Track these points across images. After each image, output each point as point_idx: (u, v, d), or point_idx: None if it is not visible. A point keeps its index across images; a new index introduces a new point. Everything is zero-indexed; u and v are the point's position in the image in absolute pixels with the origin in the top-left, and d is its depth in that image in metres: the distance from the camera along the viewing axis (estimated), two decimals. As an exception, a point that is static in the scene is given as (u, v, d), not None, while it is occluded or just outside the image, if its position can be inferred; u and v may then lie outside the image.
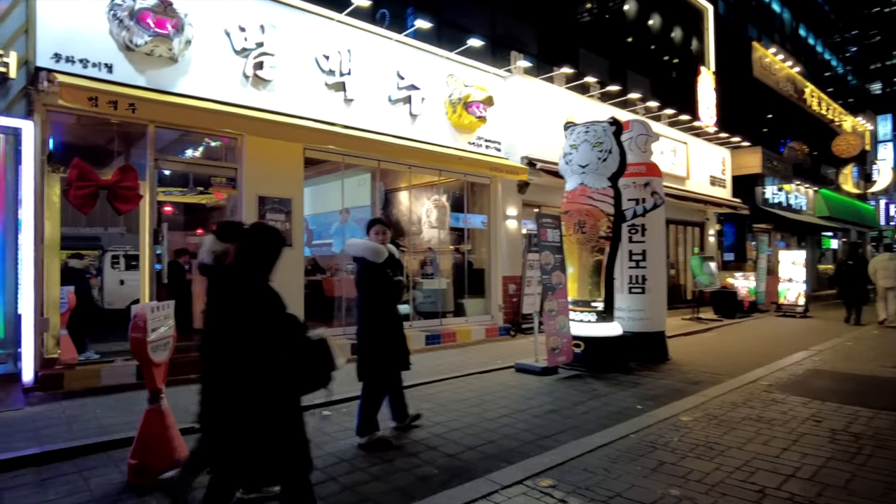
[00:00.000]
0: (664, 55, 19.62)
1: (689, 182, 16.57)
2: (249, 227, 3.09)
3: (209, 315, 3.09)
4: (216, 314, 3.02)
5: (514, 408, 5.84)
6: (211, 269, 3.13)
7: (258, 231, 3.07)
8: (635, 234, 8.68)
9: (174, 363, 6.37)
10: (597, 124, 7.94)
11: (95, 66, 6.35)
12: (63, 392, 5.86)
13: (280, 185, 7.97)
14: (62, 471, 4.13)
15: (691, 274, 15.30)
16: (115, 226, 7.36)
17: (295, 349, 2.95)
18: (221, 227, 3.29)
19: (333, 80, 8.41)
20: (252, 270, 2.94)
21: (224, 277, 2.99)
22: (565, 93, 12.49)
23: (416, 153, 9.09)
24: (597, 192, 7.74)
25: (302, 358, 2.97)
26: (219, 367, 2.95)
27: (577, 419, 5.52)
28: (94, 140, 7.58)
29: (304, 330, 3.06)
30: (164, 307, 4.07)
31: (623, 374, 7.56)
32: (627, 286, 8.68)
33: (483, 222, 11.22)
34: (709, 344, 10.67)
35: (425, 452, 4.51)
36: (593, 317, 7.86)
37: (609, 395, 6.50)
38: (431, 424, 5.18)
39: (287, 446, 2.90)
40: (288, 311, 3.01)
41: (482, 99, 9.83)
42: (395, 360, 4.81)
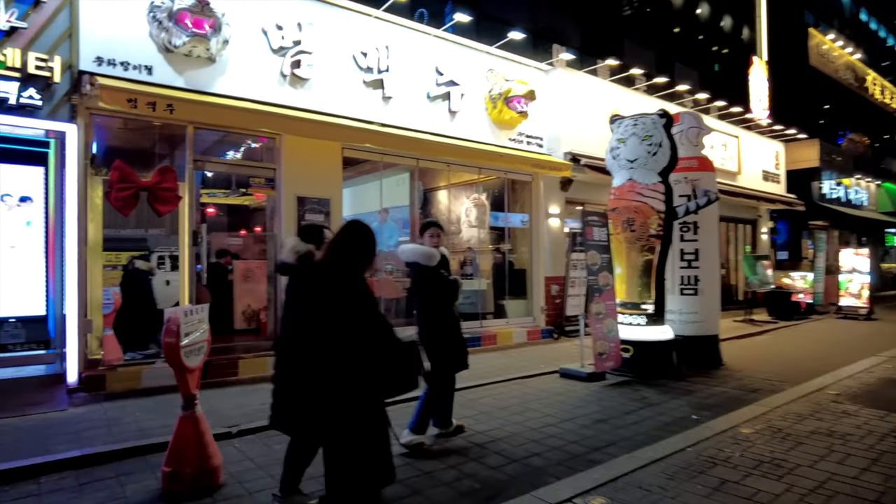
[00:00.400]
0: (713, 45, 18.82)
1: (740, 177, 15.84)
2: (345, 225, 3.15)
3: (291, 313, 3.25)
4: (301, 312, 3.11)
5: (561, 416, 5.55)
6: (294, 269, 3.26)
7: (353, 229, 3.12)
8: (687, 233, 8.25)
9: (211, 365, 6.39)
10: (646, 117, 7.57)
11: (136, 68, 6.37)
12: (105, 393, 5.90)
13: (319, 186, 7.88)
14: (100, 475, 4.08)
15: (743, 274, 14.61)
16: (155, 227, 7.39)
17: (386, 349, 2.98)
18: (305, 229, 3.51)
19: (371, 77, 8.27)
20: (348, 267, 2.98)
21: (320, 275, 3.02)
22: (610, 86, 12.05)
23: (456, 150, 8.87)
24: (646, 187, 7.37)
25: (392, 359, 3.00)
26: (302, 365, 3.06)
27: (627, 430, 5.20)
28: (137, 143, 7.64)
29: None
30: (199, 311, 3.96)
31: (674, 380, 7.17)
32: (679, 287, 8.26)
33: (523, 221, 10.90)
34: (764, 348, 10.10)
35: (467, 464, 4.28)
36: (643, 320, 7.48)
37: (661, 403, 6.14)
38: (473, 433, 4.95)
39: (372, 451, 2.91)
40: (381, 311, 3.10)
41: (524, 93, 9.53)
42: (455, 361, 4.71)
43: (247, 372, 6.90)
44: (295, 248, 3.32)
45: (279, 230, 7.63)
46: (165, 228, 7.62)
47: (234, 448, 4.61)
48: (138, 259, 7.25)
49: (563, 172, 10.22)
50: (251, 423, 5.11)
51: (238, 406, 5.69)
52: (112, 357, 6.30)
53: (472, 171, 10.04)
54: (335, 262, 2.98)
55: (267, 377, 6.85)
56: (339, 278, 2.95)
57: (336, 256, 3.00)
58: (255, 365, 6.99)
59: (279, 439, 4.82)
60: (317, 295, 2.99)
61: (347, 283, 2.95)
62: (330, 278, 2.97)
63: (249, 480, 3.97)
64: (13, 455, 4.27)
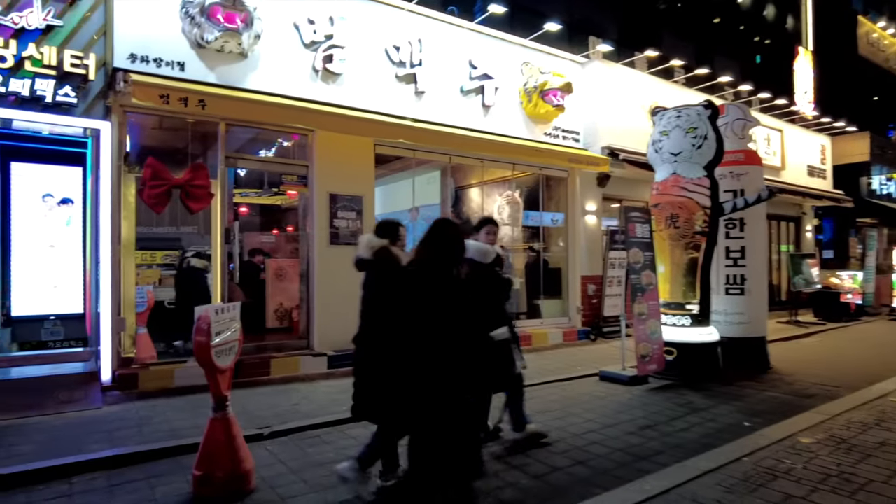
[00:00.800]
0: (755, 35, 18.14)
1: (784, 173, 15.20)
2: (435, 224, 3.24)
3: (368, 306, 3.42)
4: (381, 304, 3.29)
5: (604, 422, 5.28)
6: (370, 264, 3.42)
7: (444, 226, 3.21)
8: (733, 229, 7.88)
9: (242, 364, 6.31)
10: (690, 108, 7.22)
11: (168, 64, 6.33)
12: (138, 392, 5.86)
13: (351, 183, 7.76)
14: (131, 476, 4.00)
15: (786, 273, 14.00)
16: (188, 225, 7.39)
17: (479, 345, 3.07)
18: (381, 225, 3.68)
19: (404, 71, 8.11)
20: (442, 264, 3.05)
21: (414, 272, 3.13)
22: (648, 78, 11.66)
23: (490, 145, 8.64)
24: (691, 182, 7.03)
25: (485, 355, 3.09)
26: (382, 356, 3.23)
27: (676, 437, 4.91)
28: (170, 142, 7.65)
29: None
30: (230, 309, 3.83)
31: (721, 384, 6.82)
32: (724, 287, 7.89)
33: (553, 220, 10.57)
34: (813, 351, 9.61)
35: (507, 472, 4.06)
36: (687, 321, 7.14)
37: (708, 408, 5.82)
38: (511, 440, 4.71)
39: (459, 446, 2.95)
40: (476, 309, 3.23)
41: (560, 86, 9.24)
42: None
43: (279, 371, 6.80)
44: (370, 243, 3.46)
45: (312, 228, 7.53)
46: (198, 227, 7.60)
47: (265, 451, 4.49)
48: (193, 257, 7.22)
49: (601, 167, 9.89)
50: (283, 424, 4.99)
51: (270, 406, 5.59)
52: (145, 355, 6.27)
53: (505, 167, 9.79)
54: (429, 260, 3.06)
55: (299, 377, 6.86)
56: (433, 275, 3.03)
57: (430, 254, 3.08)
58: (287, 364, 6.89)
59: (311, 442, 4.70)
60: (412, 291, 3.07)
61: (442, 279, 3.02)
62: (425, 275, 3.04)
63: (282, 486, 3.83)
64: (47, 454, 4.24)
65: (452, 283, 3.06)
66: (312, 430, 4.96)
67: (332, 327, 7.44)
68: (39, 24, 5.72)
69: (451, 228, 3.19)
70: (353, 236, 7.73)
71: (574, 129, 10.28)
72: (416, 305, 3.03)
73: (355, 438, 4.79)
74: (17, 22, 5.61)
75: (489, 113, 9.07)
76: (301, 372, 6.92)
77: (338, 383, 6.63)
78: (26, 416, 5.12)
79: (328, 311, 7.45)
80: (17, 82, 5.57)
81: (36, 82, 5.66)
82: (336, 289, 7.52)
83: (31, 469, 3.94)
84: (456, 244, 3.13)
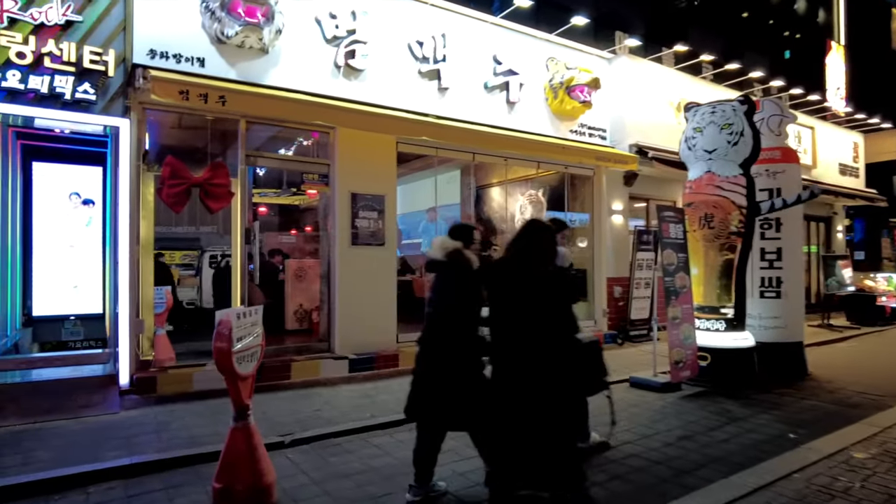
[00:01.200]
0: (785, 30, 17.65)
1: (815, 171, 14.73)
2: (527, 225, 3.25)
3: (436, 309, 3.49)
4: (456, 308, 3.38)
5: (639, 432, 5.03)
6: (443, 266, 3.48)
7: (536, 227, 3.21)
8: (769, 230, 7.56)
9: (262, 368, 6.12)
10: (725, 104, 6.94)
11: (188, 60, 6.19)
12: (156, 396, 5.72)
13: (373, 182, 7.58)
14: (148, 486, 3.85)
15: (816, 275, 13.53)
16: (207, 225, 7.27)
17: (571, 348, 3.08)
18: (456, 228, 3.71)
19: (427, 67, 7.90)
20: (536, 265, 3.06)
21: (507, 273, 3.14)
22: (676, 74, 11.32)
23: (515, 143, 8.40)
24: (726, 180, 6.75)
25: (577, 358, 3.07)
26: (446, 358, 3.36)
27: (717, 449, 4.65)
28: (189, 140, 7.53)
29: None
30: (252, 313, 3.65)
31: (758, 391, 6.52)
32: (759, 289, 7.57)
33: (571, 220, 10.26)
34: (850, 356, 9.24)
35: (542, 488, 3.83)
36: (722, 325, 6.86)
37: (748, 418, 5.54)
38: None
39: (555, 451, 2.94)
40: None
41: (587, 82, 8.96)
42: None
43: (299, 375, 6.64)
44: (444, 245, 3.50)
45: (333, 228, 7.36)
46: (217, 227, 7.49)
47: (287, 460, 4.32)
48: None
49: (630, 166, 9.59)
50: (305, 431, 4.82)
51: (291, 412, 5.42)
52: (163, 357, 6.14)
53: (529, 165, 9.54)
54: (526, 260, 3.06)
55: (320, 381, 6.68)
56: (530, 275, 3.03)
57: (523, 255, 3.08)
58: (307, 368, 6.73)
59: (334, 451, 4.52)
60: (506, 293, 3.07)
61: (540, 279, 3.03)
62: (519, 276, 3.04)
63: (305, 499, 3.65)
64: (64, 461, 4.11)
65: (550, 283, 3.09)
66: (335, 438, 4.79)
67: (354, 330, 7.27)
68: (59, 19, 5.61)
69: (544, 229, 3.20)
70: (375, 236, 7.55)
71: (600, 127, 9.99)
72: (513, 306, 3.04)
73: (379, 447, 4.61)
74: (36, 17, 5.50)
75: (514, 110, 8.82)
76: (322, 376, 6.75)
77: (359, 387, 6.45)
78: (45, 421, 5.01)
79: (350, 313, 7.28)
80: (36, 79, 5.46)
81: (55, 79, 5.55)
82: (358, 290, 7.35)
83: (47, 478, 3.81)
84: (550, 244, 3.15)
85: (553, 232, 3.25)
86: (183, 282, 8.21)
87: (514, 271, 3.10)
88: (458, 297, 3.46)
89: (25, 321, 7.41)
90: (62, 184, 7.24)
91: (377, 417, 5.26)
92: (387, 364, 7.25)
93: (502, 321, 3.11)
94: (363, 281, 7.40)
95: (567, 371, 2.96)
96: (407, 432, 4.98)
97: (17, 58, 5.41)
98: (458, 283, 3.48)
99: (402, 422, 5.16)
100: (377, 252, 7.57)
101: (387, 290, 7.67)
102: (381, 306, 7.57)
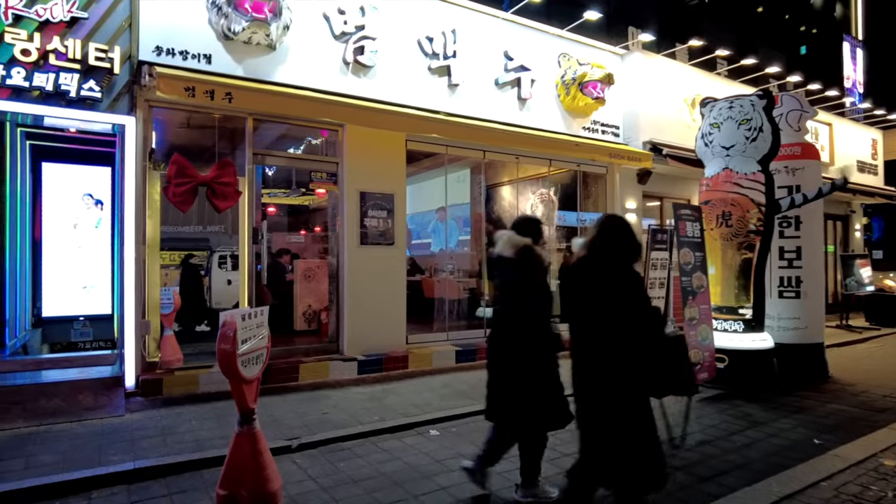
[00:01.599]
0: (801, 25, 17.34)
1: (832, 169, 14.42)
2: (606, 221, 3.15)
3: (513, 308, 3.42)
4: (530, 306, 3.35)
5: (657, 437, 4.86)
6: (511, 262, 3.38)
7: (617, 223, 3.13)
8: (787, 228, 7.36)
9: (270, 369, 6.03)
10: (743, 98, 6.76)
11: (195, 57, 6.11)
12: (162, 398, 5.64)
13: (382, 180, 7.46)
14: (152, 492, 3.75)
15: (833, 274, 13.25)
16: (214, 225, 7.19)
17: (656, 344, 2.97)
18: (522, 223, 3.61)
19: (437, 63, 7.77)
20: (622, 261, 2.99)
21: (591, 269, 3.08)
22: (690, 70, 11.12)
23: (527, 140, 8.25)
24: (745, 177, 6.56)
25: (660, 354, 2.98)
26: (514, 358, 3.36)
27: (738, 454, 4.48)
28: (196, 139, 7.45)
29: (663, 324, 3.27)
30: (257, 314, 3.53)
31: (778, 394, 6.33)
32: (777, 289, 7.37)
33: (578, 219, 10.10)
34: (872, 358, 8.99)
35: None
36: (740, 326, 6.68)
37: (769, 422, 5.35)
38: (558, 456, 4.33)
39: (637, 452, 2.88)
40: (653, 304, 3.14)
41: (600, 77, 8.79)
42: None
43: (308, 377, 6.53)
44: (512, 241, 3.39)
45: (341, 227, 7.26)
46: (225, 226, 7.40)
47: (294, 464, 4.20)
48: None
49: (644, 163, 9.41)
50: (313, 435, 4.69)
51: (299, 415, 5.30)
52: (171, 359, 6.06)
53: (541, 163, 9.39)
54: (608, 257, 3.00)
55: (328, 383, 6.56)
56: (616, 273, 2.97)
57: (608, 251, 3.01)
58: (316, 369, 6.62)
59: (343, 455, 4.40)
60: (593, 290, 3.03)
61: (625, 276, 2.98)
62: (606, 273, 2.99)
63: (312, 506, 3.53)
64: (68, 465, 4.02)
65: (637, 279, 3.03)
66: (343, 442, 4.66)
67: (363, 330, 7.16)
68: (64, 16, 5.54)
69: (624, 224, 3.12)
70: (384, 236, 7.43)
71: (613, 123, 9.82)
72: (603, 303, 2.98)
73: (388, 452, 4.48)
74: (41, 14, 5.43)
75: (525, 106, 8.67)
76: (330, 377, 6.64)
77: (368, 390, 6.33)
78: (50, 423, 4.94)
79: (359, 314, 7.17)
80: (41, 76, 5.39)
81: (60, 76, 5.47)
82: (367, 291, 7.24)
83: (49, 483, 3.71)
84: (633, 239, 3.05)
85: (630, 226, 3.14)
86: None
87: (596, 270, 3.04)
88: (530, 295, 3.39)
89: (35, 322, 7.38)
90: (72, 184, 7.20)
91: (386, 420, 5.14)
92: (396, 365, 7.13)
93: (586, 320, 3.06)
94: (372, 281, 7.29)
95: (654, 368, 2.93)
96: (416, 436, 4.86)
97: (21, 55, 5.33)
98: (530, 280, 3.39)
99: (412, 425, 5.06)
100: (386, 252, 7.46)
101: (396, 291, 7.55)
102: (391, 307, 7.46)
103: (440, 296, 9.06)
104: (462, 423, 5.20)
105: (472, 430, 4.98)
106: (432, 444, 4.68)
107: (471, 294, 9.66)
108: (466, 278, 9.90)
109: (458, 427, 5.09)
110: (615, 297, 2.92)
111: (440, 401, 5.80)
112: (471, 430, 4.96)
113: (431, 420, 5.18)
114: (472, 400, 5.76)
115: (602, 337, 2.93)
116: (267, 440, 3.44)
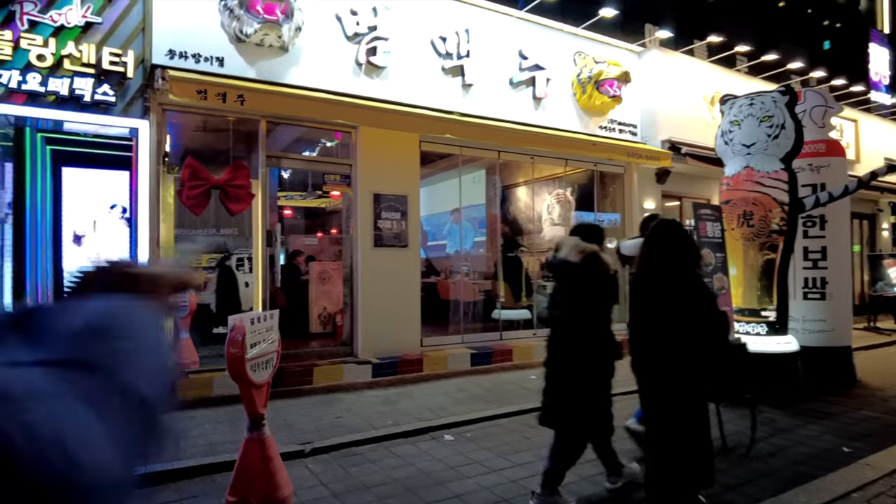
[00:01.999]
0: (824, 19, 16.96)
1: (858, 167, 14.06)
2: (661, 226, 3.20)
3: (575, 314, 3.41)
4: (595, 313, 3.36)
5: (677, 444, 4.72)
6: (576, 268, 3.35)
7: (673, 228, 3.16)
8: (812, 228, 7.15)
9: (283, 372, 6.01)
10: (764, 95, 6.59)
11: (207, 60, 6.12)
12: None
13: (396, 182, 7.41)
14: (164, 497, 3.71)
15: (860, 274, 12.90)
16: (228, 228, 7.19)
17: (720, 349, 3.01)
18: (586, 228, 3.65)
19: (451, 63, 7.70)
20: (684, 265, 3.02)
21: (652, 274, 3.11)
22: (709, 67, 10.91)
23: (543, 139, 8.14)
24: (766, 175, 6.39)
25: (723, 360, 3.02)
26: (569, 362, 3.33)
27: (763, 463, 4.33)
28: (210, 142, 7.47)
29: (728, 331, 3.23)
30: (267, 318, 3.49)
31: (803, 400, 6.13)
32: (802, 291, 7.16)
33: (595, 220, 9.93)
34: (902, 361, 8.71)
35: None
36: (763, 328, 6.49)
37: (794, 429, 5.18)
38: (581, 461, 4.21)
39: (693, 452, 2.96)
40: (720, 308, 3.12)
41: (617, 75, 8.64)
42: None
43: (322, 380, 6.49)
44: (578, 247, 3.36)
45: (355, 229, 7.22)
46: (240, 229, 7.40)
47: (306, 469, 4.15)
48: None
49: (662, 162, 9.23)
50: (325, 440, 4.64)
51: (312, 419, 5.26)
52: (185, 361, 6.05)
53: (557, 163, 9.27)
54: (669, 262, 3.03)
55: (342, 386, 6.51)
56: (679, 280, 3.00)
57: (668, 256, 3.03)
58: (330, 372, 6.58)
59: (355, 460, 4.33)
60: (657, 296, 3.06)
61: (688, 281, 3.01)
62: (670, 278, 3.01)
63: (322, 514, 3.47)
64: (79, 469, 3.99)
65: (700, 287, 3.05)
66: (356, 447, 4.60)
67: (377, 333, 7.10)
68: (78, 21, 5.58)
69: (681, 229, 3.15)
70: (398, 238, 7.37)
71: (631, 122, 9.66)
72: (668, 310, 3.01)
73: (402, 457, 4.41)
74: (55, 20, 5.48)
75: (540, 106, 8.57)
76: (344, 380, 6.59)
77: (382, 393, 6.27)
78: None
79: (373, 316, 7.12)
80: (56, 81, 5.43)
81: (75, 81, 5.51)
82: (381, 293, 7.18)
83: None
84: (692, 244, 3.09)
85: (683, 230, 3.17)
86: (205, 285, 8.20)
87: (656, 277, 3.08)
88: (594, 301, 3.41)
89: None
90: (92, 189, 7.22)
91: (400, 425, 5.07)
92: (411, 369, 7.06)
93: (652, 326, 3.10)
94: (386, 283, 7.23)
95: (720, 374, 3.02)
96: (430, 441, 4.78)
97: (37, 60, 5.38)
98: (595, 286, 3.40)
99: (426, 430, 4.98)
100: (400, 254, 7.40)
101: (410, 293, 7.49)
102: (405, 309, 7.39)
103: (455, 298, 8.99)
104: (477, 427, 5.11)
105: (488, 434, 4.90)
106: (447, 449, 4.60)
107: (486, 296, 9.57)
108: (482, 280, 9.81)
109: (472, 432, 5.00)
110: (680, 305, 2.96)
111: (455, 405, 5.72)
112: (486, 435, 4.88)
113: (446, 425, 5.10)
114: (487, 404, 5.67)
115: (668, 344, 2.98)
116: (279, 444, 3.40)
